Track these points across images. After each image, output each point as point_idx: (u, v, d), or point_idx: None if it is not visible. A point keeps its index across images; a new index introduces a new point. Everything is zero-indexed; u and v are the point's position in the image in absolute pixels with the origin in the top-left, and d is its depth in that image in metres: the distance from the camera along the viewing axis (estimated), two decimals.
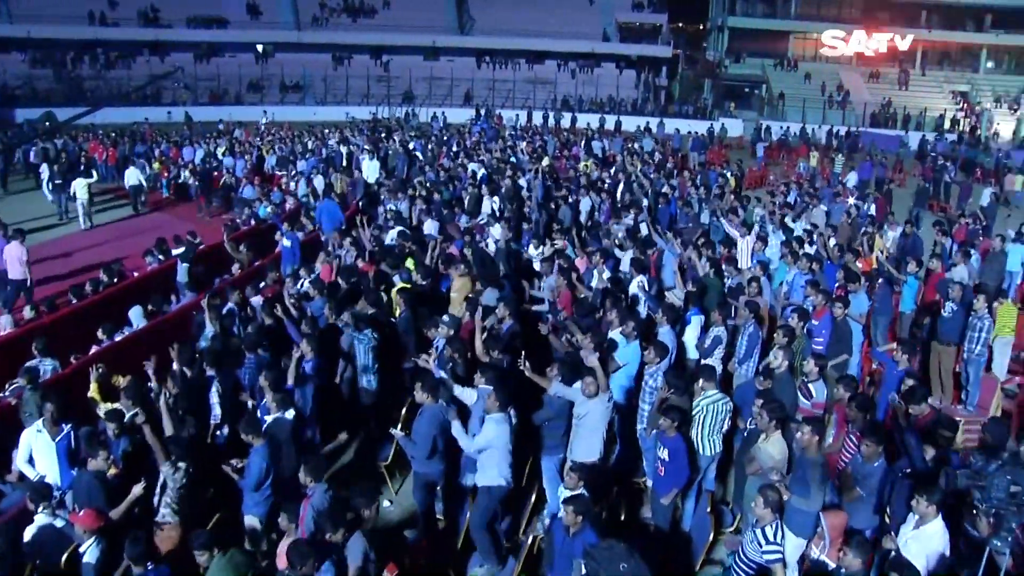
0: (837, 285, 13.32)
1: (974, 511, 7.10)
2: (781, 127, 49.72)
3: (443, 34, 62.28)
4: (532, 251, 15.74)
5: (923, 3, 61.57)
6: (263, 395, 9.33)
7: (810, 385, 9.23)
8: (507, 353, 9.93)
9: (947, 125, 54.31)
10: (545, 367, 9.70)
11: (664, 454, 8.19)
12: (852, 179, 31.64)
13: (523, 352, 9.39)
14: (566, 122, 50.58)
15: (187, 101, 53.62)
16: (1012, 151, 47.58)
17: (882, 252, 16.96)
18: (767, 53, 62.33)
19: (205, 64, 58.00)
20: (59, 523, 7.69)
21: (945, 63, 62.36)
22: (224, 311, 12.00)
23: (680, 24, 74.31)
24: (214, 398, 9.78)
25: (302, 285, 13.78)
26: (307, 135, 34.46)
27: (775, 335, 10.40)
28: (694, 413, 8.82)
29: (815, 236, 16.17)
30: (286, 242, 17.14)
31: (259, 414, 9.29)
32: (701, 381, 8.96)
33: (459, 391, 9.10)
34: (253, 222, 21.30)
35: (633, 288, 12.96)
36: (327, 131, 35.13)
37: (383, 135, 34.54)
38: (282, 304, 11.81)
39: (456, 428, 8.44)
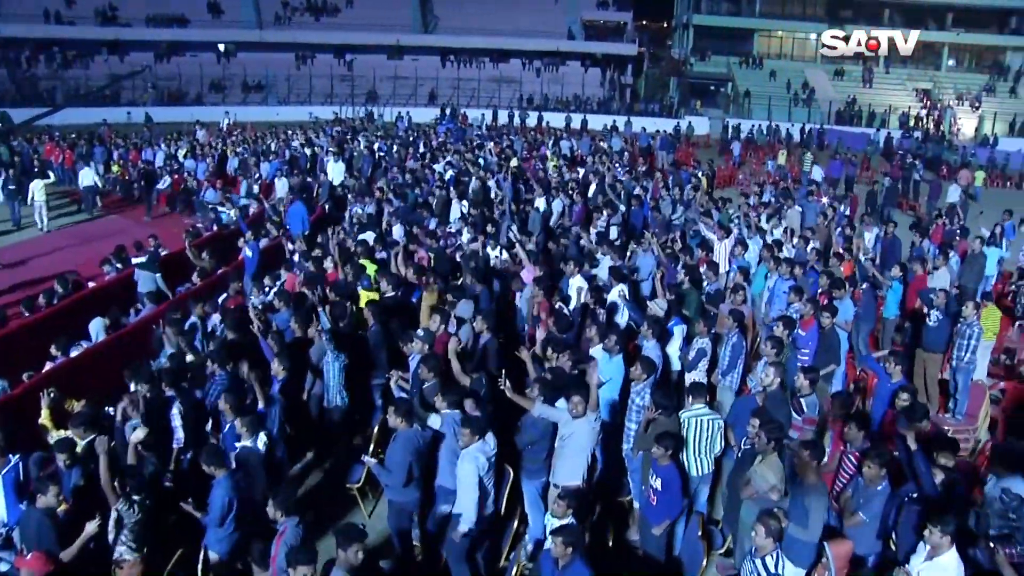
0: (820, 291, 12.98)
1: (991, 545, 6.71)
2: (754, 125, 49.35)
3: (407, 33, 61.79)
4: (490, 251, 15.35)
5: (886, 2, 62.04)
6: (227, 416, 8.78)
7: (801, 400, 8.81)
8: (485, 370, 9.40)
9: (911, 123, 54.68)
10: (527, 382, 9.23)
11: (657, 483, 7.72)
12: (818, 173, 31.60)
13: (503, 371, 8.86)
14: (532, 121, 50.18)
15: (147, 101, 52.53)
16: (975, 148, 48.12)
17: (862, 254, 16.70)
18: (732, 51, 62.55)
19: (165, 64, 57.09)
20: (2, 567, 7.10)
21: (908, 61, 62.60)
22: (186, 325, 11.41)
23: (645, 22, 74.16)
24: (176, 421, 9.11)
25: (266, 296, 13.26)
26: (270, 136, 33.62)
27: (762, 346, 10.00)
28: (681, 428, 8.41)
29: (795, 239, 15.84)
30: (248, 251, 16.42)
31: (223, 440, 8.73)
32: (690, 398, 8.55)
33: (429, 418, 8.59)
34: (216, 227, 20.63)
35: (613, 296, 12.54)
36: (290, 132, 34.37)
37: (348, 135, 33.89)
38: (246, 317, 11.26)
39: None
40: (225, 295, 13.27)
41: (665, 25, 75.08)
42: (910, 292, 13.59)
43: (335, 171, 25.15)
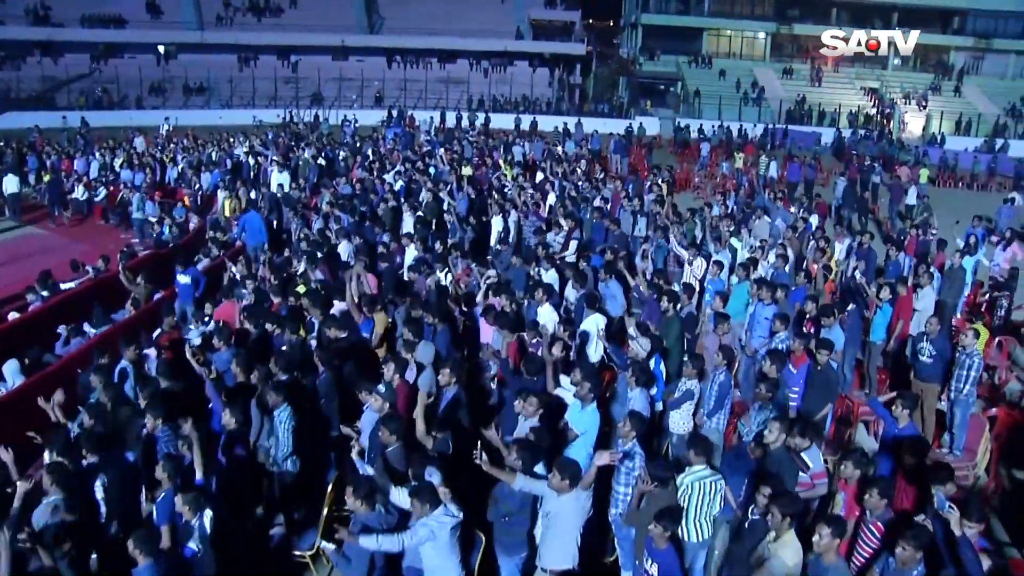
0: (807, 317, 12.20)
1: None
2: (714, 125, 48.76)
3: (352, 33, 60.64)
4: (440, 275, 14.31)
5: (834, 1, 62.06)
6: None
7: (803, 455, 7.94)
8: (451, 428, 8.36)
9: (861, 121, 54.78)
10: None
11: (654, 570, 6.75)
12: (773, 169, 31.09)
13: (478, 443, 7.63)
14: (480, 122, 49.27)
15: (84, 106, 50.68)
16: (925, 147, 48.14)
17: (837, 271, 16.00)
18: (681, 50, 62.36)
19: (103, 66, 55.27)
20: None
21: (856, 60, 62.74)
22: (117, 367, 10.20)
23: (593, 21, 73.61)
24: (99, 493, 7.87)
25: (205, 326, 12.14)
26: (211, 144, 32.01)
27: (758, 389, 9.13)
28: (679, 493, 7.51)
29: (770, 255, 15.02)
30: (183, 278, 15.00)
31: (158, 509, 7.55)
32: (691, 454, 7.63)
33: (394, 494, 7.42)
34: (154, 246, 19.39)
35: (588, 326, 11.61)
36: (232, 139, 32.90)
37: (293, 142, 32.50)
38: (182, 357, 10.16)
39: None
40: (159, 330, 11.99)
41: (613, 24, 74.55)
42: (899, 312, 12.81)
43: (280, 181, 23.93)
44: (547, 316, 11.74)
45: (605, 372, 12.05)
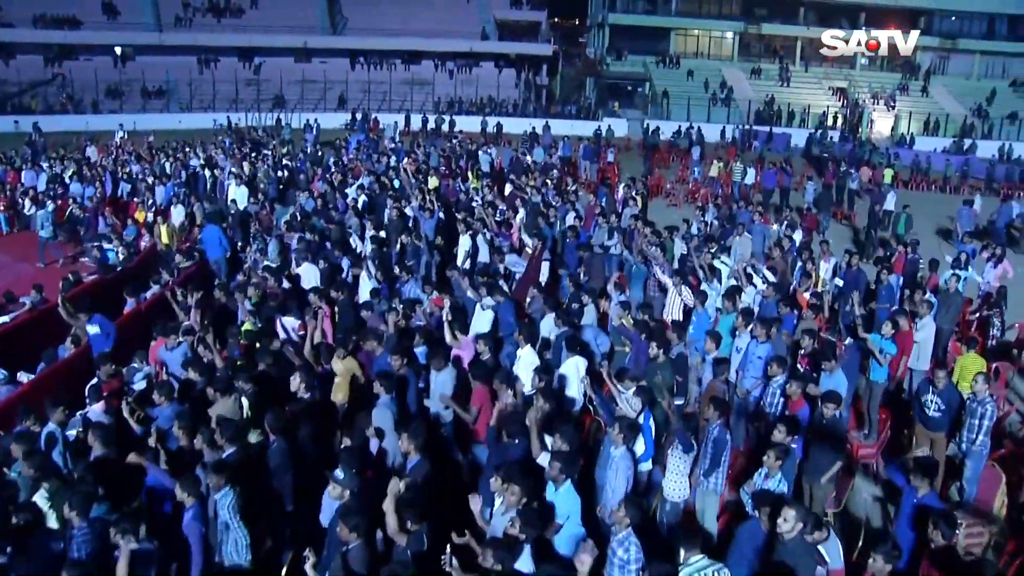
0: (802, 354, 11.33)
1: None
2: (684, 128, 48.08)
3: (315, 34, 59.52)
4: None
5: (801, 0, 61.68)
6: None
7: (821, 547, 7.02)
8: (416, 511, 7.04)
9: (831, 121, 54.51)
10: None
11: None
12: (750, 177, 30.34)
13: (448, 547, 6.57)
14: (447, 126, 48.60)
15: (37, 110, 49.08)
16: (895, 148, 47.85)
17: (824, 292, 15.12)
18: (649, 50, 61.82)
19: (57, 68, 53.80)
20: None
21: (823, 59, 62.43)
22: (44, 434, 9.02)
23: (559, 21, 72.87)
24: None
25: (147, 371, 11.08)
26: (163, 154, 30.40)
27: (767, 456, 8.17)
28: None
29: (759, 282, 14.11)
30: (91, 328, 12.76)
31: None
32: (683, 552, 6.69)
33: None
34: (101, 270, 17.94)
35: (567, 370, 10.65)
36: (188, 149, 31.49)
37: (250, 151, 31.16)
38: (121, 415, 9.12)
39: None
40: (95, 380, 10.48)
41: (580, 24, 73.71)
42: (902, 349, 11.95)
43: (239, 196, 22.78)
44: (527, 361, 10.60)
45: (586, 417, 11.17)
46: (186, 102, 53.41)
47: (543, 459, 8.02)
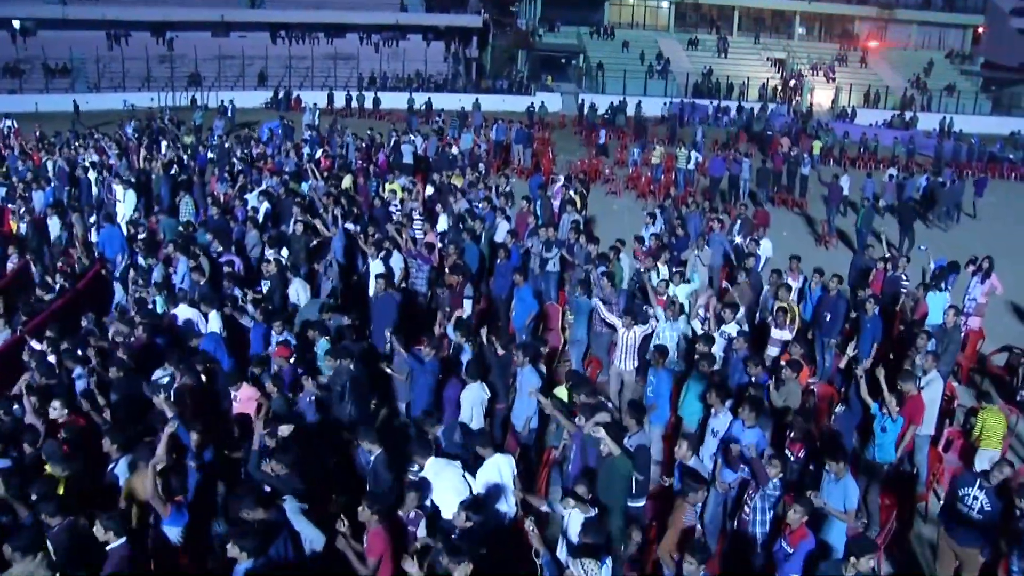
0: (791, 437, 9.01)
1: None
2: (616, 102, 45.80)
3: (232, 7, 55.55)
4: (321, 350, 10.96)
5: None
6: None
7: None
8: None
9: (770, 95, 53.19)
10: None
11: None
12: (692, 161, 28.23)
13: None
14: (370, 102, 47.00)
15: None
16: (831, 121, 46.46)
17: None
18: (582, 21, 59.35)
19: None
20: None
21: (760, 29, 60.65)
22: None
23: None
24: None
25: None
26: (45, 151, 26.47)
27: None
28: None
29: (731, 324, 11.66)
30: None
31: None
32: None
33: None
34: None
35: (487, 475, 8.32)
36: (77, 144, 28.07)
37: (151, 143, 27.77)
38: None
39: None
40: None
41: None
42: (907, 419, 9.63)
43: (127, 204, 19.80)
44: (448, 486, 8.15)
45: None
46: (94, 81, 49.95)
47: None
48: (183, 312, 12.78)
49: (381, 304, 12.80)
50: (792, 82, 55.64)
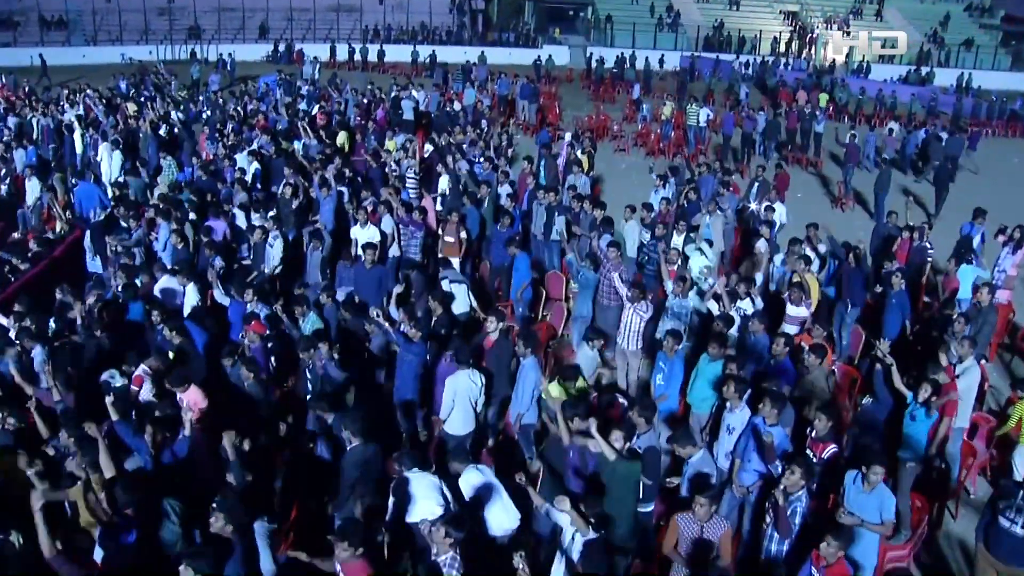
0: (812, 436, 8.10)
1: None
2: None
3: None
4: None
5: None
6: None
7: None
8: None
9: (782, 48, 52.13)
10: None
11: None
12: (702, 117, 27.17)
13: None
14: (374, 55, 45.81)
15: None
16: (849, 77, 45.09)
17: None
18: None
19: None
20: None
21: None
22: None
23: None
24: None
25: None
26: (30, 107, 24.90)
27: None
28: None
29: (746, 300, 10.69)
30: None
31: None
32: None
33: None
34: None
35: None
36: (68, 96, 26.95)
37: (150, 98, 26.67)
38: None
39: None
40: None
41: None
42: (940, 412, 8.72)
43: (113, 164, 18.88)
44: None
45: None
46: (91, 34, 48.59)
47: None
48: (162, 283, 11.99)
49: (368, 277, 11.94)
50: (804, 35, 53.95)
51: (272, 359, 10.04)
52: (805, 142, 27.34)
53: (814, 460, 7.87)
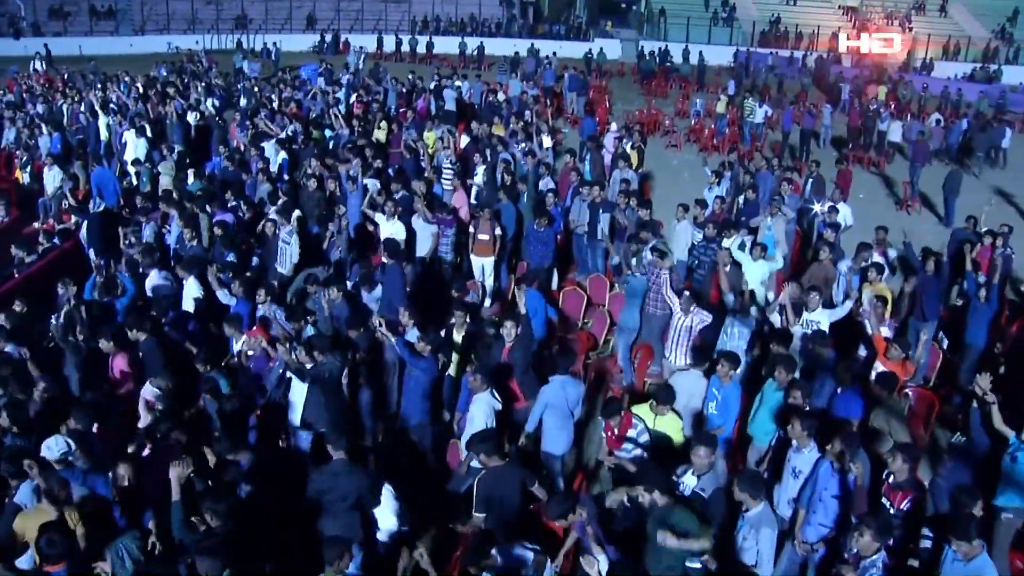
0: (890, 482, 6.85)
1: None
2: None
3: None
4: None
5: None
6: None
7: None
8: None
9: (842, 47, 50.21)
10: None
11: None
12: (759, 114, 25.87)
13: None
14: (423, 47, 45.20)
15: None
16: (907, 75, 43.52)
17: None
18: None
19: None
20: None
21: None
22: None
23: None
24: None
25: None
26: (59, 95, 24.51)
27: None
28: None
29: (819, 310, 9.36)
30: None
31: None
32: None
33: None
34: None
35: None
36: (99, 85, 26.13)
37: (184, 87, 25.90)
38: None
39: None
40: None
41: None
42: None
43: (137, 150, 18.12)
44: None
45: None
46: (139, 24, 48.41)
47: None
48: (152, 278, 11.11)
49: (388, 277, 10.87)
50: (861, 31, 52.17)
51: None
52: (868, 140, 25.90)
53: (891, 511, 6.63)
